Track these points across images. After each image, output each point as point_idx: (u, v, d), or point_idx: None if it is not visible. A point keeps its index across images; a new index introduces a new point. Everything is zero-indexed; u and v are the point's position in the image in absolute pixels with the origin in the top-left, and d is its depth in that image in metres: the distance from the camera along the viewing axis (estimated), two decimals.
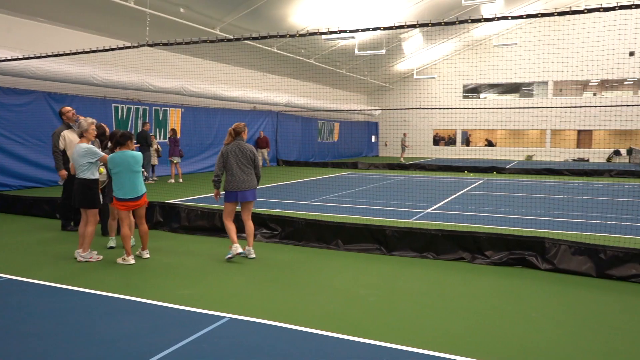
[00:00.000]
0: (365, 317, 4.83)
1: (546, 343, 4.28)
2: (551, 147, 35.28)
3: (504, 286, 5.90)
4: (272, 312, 4.90)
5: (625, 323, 4.77)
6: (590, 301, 5.40)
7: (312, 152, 30.33)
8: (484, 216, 10.28)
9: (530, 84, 36.24)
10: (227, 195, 7.04)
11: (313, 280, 6.09)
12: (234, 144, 7.03)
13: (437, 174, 21.66)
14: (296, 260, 6.99)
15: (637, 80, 33.70)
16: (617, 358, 4.00)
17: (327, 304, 5.19)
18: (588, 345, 4.24)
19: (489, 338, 4.37)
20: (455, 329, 4.55)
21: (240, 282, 5.97)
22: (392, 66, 33.54)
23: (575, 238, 7.31)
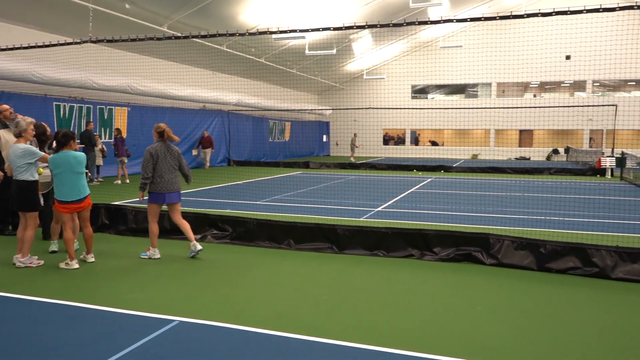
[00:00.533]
0: (317, 316, 4.86)
1: (491, 335, 4.44)
2: (495, 146, 36.58)
3: (452, 281, 6.08)
4: (223, 314, 4.85)
5: (564, 314, 5.02)
6: (532, 294, 5.64)
7: (264, 152, 30.17)
8: (432, 214, 10.55)
9: (475, 85, 37.44)
10: (153, 197, 6.97)
11: (265, 280, 6.07)
12: (162, 145, 6.97)
13: (387, 173, 22.03)
14: (247, 261, 6.94)
15: (573, 82, 35.44)
16: (559, 347, 4.21)
17: (279, 304, 5.19)
18: (531, 336, 4.43)
19: (439, 332, 4.50)
20: (406, 325, 4.65)
21: (190, 284, 5.87)
22: (342, 66, 33.84)
23: (517, 233, 7.62)
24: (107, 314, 4.83)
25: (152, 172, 6.88)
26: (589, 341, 4.33)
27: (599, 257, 6.30)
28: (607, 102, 32.68)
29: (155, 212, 7.07)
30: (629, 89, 35.46)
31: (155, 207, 7.05)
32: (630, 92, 35.34)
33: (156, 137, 7.04)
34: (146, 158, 6.88)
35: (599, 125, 32.98)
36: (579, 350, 4.15)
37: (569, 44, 32.35)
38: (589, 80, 34.50)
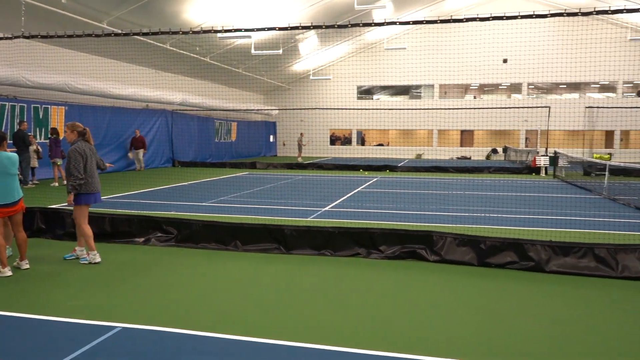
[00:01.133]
0: (264, 317, 4.84)
1: (435, 329, 4.57)
2: (438, 146, 37.66)
3: (397, 279, 6.21)
4: (167, 319, 4.74)
5: (502, 306, 5.24)
6: (473, 288, 5.85)
7: (209, 153, 29.70)
8: (378, 213, 10.73)
9: (419, 86, 38.39)
10: (85, 198, 6.79)
11: (211, 282, 5.98)
12: (84, 144, 6.82)
13: (334, 173, 22.22)
14: (193, 263, 6.81)
15: (510, 85, 37.03)
16: (496, 340, 4.39)
17: (226, 306, 5.13)
18: (470, 329, 4.60)
19: (385, 329, 4.59)
20: (352, 323, 4.71)
21: (133, 288, 5.70)
22: (289, 66, 33.83)
23: (459, 231, 7.87)
24: (44, 323, 4.62)
25: (84, 173, 6.70)
26: (525, 331, 4.54)
27: (535, 251, 6.61)
28: (541, 104, 34.34)
29: (86, 213, 6.91)
30: (561, 91, 37.44)
31: (86, 209, 6.89)
32: (562, 94, 37.31)
33: (75, 136, 6.82)
34: (76, 158, 6.65)
35: (533, 125, 34.61)
36: (515, 340, 4.34)
37: (506, 48, 33.79)
38: (525, 83, 36.14)
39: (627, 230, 8.86)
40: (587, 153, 28.87)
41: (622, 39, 31.78)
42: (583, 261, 6.45)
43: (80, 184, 6.66)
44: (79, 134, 6.83)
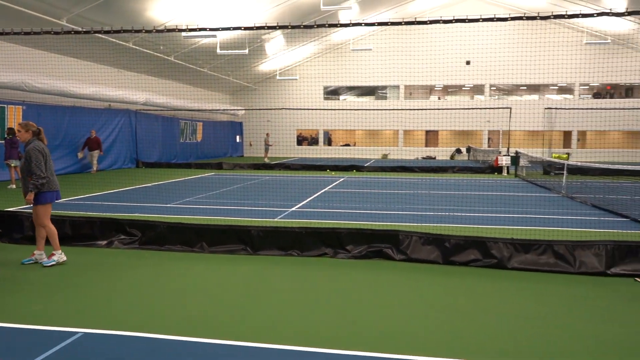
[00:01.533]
0: (231, 319, 4.80)
1: (401, 327, 4.63)
2: (404, 146, 38.13)
3: (364, 278, 6.26)
4: (131, 323, 4.65)
5: (466, 304, 5.35)
6: (438, 286, 5.95)
7: (175, 153, 29.25)
8: (345, 212, 10.79)
9: (385, 87, 38.79)
10: (48, 196, 6.70)
11: (177, 285, 5.89)
12: (40, 143, 6.72)
13: (301, 173, 22.22)
14: (158, 266, 6.70)
15: (473, 86, 37.83)
16: (461, 337, 4.48)
17: (192, 309, 5.07)
18: (436, 326, 4.68)
19: (352, 328, 4.61)
20: (319, 323, 4.73)
21: (95, 293, 5.56)
22: (255, 66, 33.65)
23: (424, 229, 7.99)
24: (1, 330, 4.46)
25: (46, 171, 6.64)
26: (489, 328, 4.65)
27: (497, 249, 6.77)
28: (502, 105, 35.21)
29: (49, 212, 6.81)
30: (521, 93, 38.47)
31: (50, 207, 6.79)
32: (522, 96, 38.34)
33: (30, 136, 6.69)
34: (37, 157, 6.54)
35: (496, 126, 35.40)
36: (480, 336, 4.44)
37: (469, 50, 34.54)
38: (487, 85, 36.98)
39: (584, 227, 9.17)
40: (547, 153, 29.74)
41: (579, 42, 32.88)
42: (543, 258, 6.64)
43: (42, 183, 6.53)
44: (34, 133, 6.69)
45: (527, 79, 34.81)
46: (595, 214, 11.04)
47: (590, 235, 7.83)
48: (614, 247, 6.51)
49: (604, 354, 4.10)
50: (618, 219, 10.40)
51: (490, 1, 33.78)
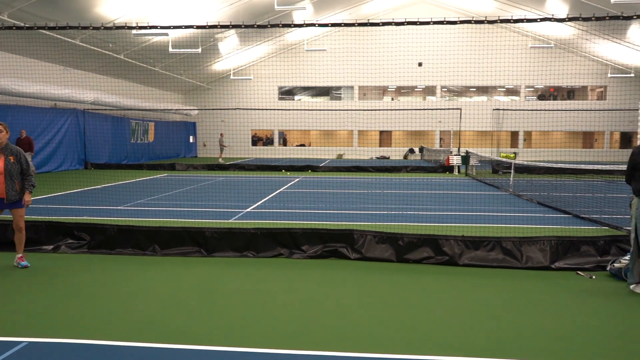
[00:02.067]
0: (185, 323, 4.72)
1: (356, 325, 4.68)
2: (358, 146, 38.53)
3: (320, 277, 6.29)
4: (80, 330, 4.49)
5: (419, 300, 5.47)
6: (391, 284, 6.06)
7: (125, 154, 28.46)
8: (300, 213, 10.80)
9: (339, 87, 39.07)
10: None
11: (127, 289, 5.74)
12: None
13: (256, 174, 22.09)
14: (108, 270, 6.50)
15: (425, 87, 38.66)
16: (414, 333, 4.57)
17: (144, 314, 4.95)
18: (390, 324, 4.76)
19: (308, 328, 4.63)
20: (275, 324, 4.72)
21: (40, 300, 5.34)
22: (208, 66, 33.19)
23: (378, 228, 8.11)
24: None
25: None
26: (440, 323, 4.77)
27: (449, 246, 6.96)
28: (453, 106, 36.15)
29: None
30: (471, 94, 39.62)
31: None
32: (472, 97, 39.50)
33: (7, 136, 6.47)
34: (26, 158, 6.49)
35: (447, 126, 36.34)
36: (432, 332, 4.55)
37: (421, 52, 35.26)
38: (438, 86, 37.89)
39: (530, 224, 9.55)
40: (495, 152, 30.75)
41: (524, 46, 34.19)
42: (492, 254, 6.87)
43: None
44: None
45: (476, 80, 35.92)
46: (540, 211, 11.51)
47: (536, 232, 8.16)
48: (558, 242, 6.81)
49: (548, 345, 4.29)
50: (561, 215, 10.88)
51: (441, 5, 34.63)
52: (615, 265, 6.28)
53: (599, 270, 6.52)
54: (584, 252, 6.80)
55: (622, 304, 5.38)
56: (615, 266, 6.26)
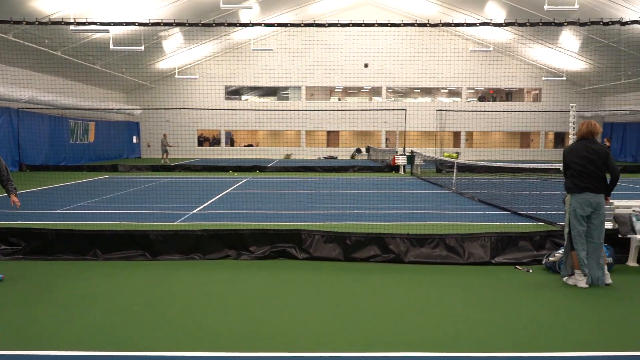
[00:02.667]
0: (131, 329, 4.59)
1: (304, 325, 4.70)
2: (306, 147, 38.63)
3: (268, 278, 6.27)
4: (17, 341, 4.28)
5: (366, 297, 5.55)
6: (339, 282, 6.12)
7: (64, 155, 27.25)
8: (248, 213, 10.72)
9: (286, 87, 39.03)
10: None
11: (68, 296, 5.51)
12: None
13: (203, 175, 21.72)
14: (45, 277, 6.22)
15: (371, 88, 39.26)
16: (361, 329, 4.64)
17: (85, 321, 4.77)
18: (337, 321, 4.81)
19: (254, 329, 4.61)
20: (222, 326, 4.67)
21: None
22: (152, 64, 32.32)
23: (326, 228, 8.17)
24: None
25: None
26: (386, 319, 4.87)
27: (395, 244, 7.11)
28: (398, 106, 36.89)
29: None
30: (416, 95, 40.59)
31: None
32: (416, 98, 40.46)
33: None
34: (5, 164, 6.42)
35: (393, 127, 37.02)
36: (376, 328, 4.63)
37: (367, 54, 35.78)
38: (384, 87, 38.56)
39: (471, 221, 9.90)
40: (438, 152, 31.63)
41: (465, 49, 35.36)
42: (436, 251, 7.08)
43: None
44: None
45: (420, 82, 36.77)
46: (481, 209, 11.96)
47: (477, 228, 8.47)
48: (497, 238, 7.10)
49: (490, 336, 4.47)
50: (501, 212, 11.34)
51: (386, 8, 35.25)
52: (550, 259, 6.61)
53: (535, 264, 6.84)
54: (522, 247, 7.12)
55: (556, 295, 5.67)
56: (550, 260, 6.59)
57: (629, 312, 5.16)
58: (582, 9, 21.79)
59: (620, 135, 34.10)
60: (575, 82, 36.93)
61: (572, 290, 5.82)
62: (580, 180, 5.88)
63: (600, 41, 27.66)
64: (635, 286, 6.02)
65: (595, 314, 5.08)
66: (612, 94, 35.06)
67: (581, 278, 5.90)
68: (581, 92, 36.87)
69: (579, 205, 5.88)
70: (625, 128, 34.15)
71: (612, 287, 5.91)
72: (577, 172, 5.90)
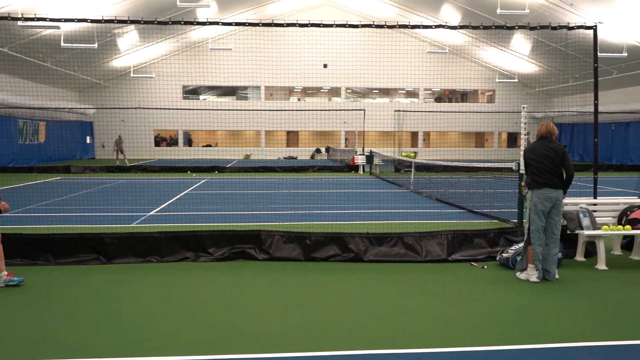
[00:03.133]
0: (83, 335, 4.45)
1: (264, 326, 4.68)
2: (266, 147, 38.44)
3: (227, 280, 6.21)
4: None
5: (326, 296, 5.58)
6: (300, 282, 6.13)
7: (12, 156, 26.12)
8: (206, 214, 10.58)
9: (246, 87, 38.72)
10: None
11: (15, 304, 5.29)
12: None
13: (160, 176, 21.29)
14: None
15: (330, 88, 39.44)
16: (321, 328, 4.66)
17: (41, 327, 4.59)
18: (298, 321, 4.81)
19: (214, 331, 4.55)
20: (181, 330, 4.59)
21: None
22: (106, 62, 31.43)
23: (286, 228, 8.15)
24: None
25: None
26: (345, 318, 4.91)
27: (354, 243, 7.17)
28: (357, 107, 37.20)
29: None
30: (374, 96, 41.06)
31: None
32: (375, 98, 40.94)
33: None
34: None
35: (352, 127, 37.31)
36: (335, 327, 4.66)
37: (326, 54, 35.86)
38: (343, 87, 38.83)
39: (429, 219, 10.08)
40: (397, 152, 32.10)
41: (422, 51, 36.01)
42: (395, 249, 7.18)
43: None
44: None
45: (378, 83, 37.30)
46: (438, 207, 12.21)
47: (434, 227, 8.63)
48: (454, 236, 7.28)
49: (448, 332, 4.57)
50: (457, 210, 11.62)
51: (345, 9, 35.50)
52: (504, 255, 6.82)
53: (490, 261, 7.05)
54: (477, 244, 7.32)
55: (509, 290, 5.86)
56: (504, 256, 6.81)
57: (578, 304, 5.39)
58: (532, 13, 22.58)
59: (568, 135, 35.52)
60: (526, 84, 38.24)
61: (524, 285, 6.03)
62: (540, 177, 6.15)
63: (549, 45, 28.76)
64: (584, 280, 6.29)
65: (547, 307, 5.27)
66: (560, 95, 36.50)
67: (533, 272, 6.13)
68: (532, 94, 38.22)
69: (540, 201, 6.14)
70: (573, 128, 35.62)
71: (562, 280, 6.16)
72: (536, 169, 6.18)
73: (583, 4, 22.50)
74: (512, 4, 23.09)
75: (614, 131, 32.03)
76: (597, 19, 20.48)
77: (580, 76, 30.64)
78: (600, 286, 6.01)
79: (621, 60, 26.47)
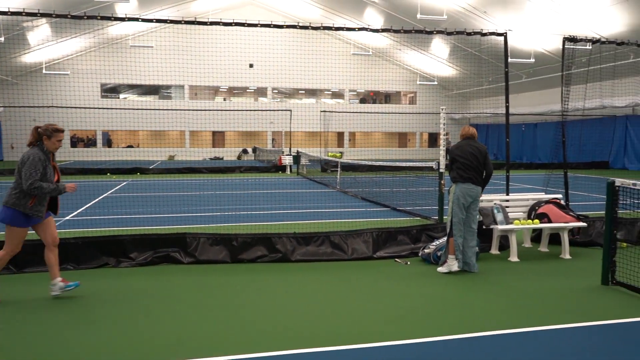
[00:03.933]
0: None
1: (189, 329, 4.57)
2: (190, 147, 37.53)
3: (151, 285, 5.99)
4: None
5: (254, 298, 5.54)
6: (227, 285, 6.04)
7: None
8: (128, 218, 10.17)
9: (169, 86, 37.59)
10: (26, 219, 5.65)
11: None
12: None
13: (77, 178, 20.17)
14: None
15: (256, 89, 39.18)
16: (247, 331, 4.62)
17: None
18: (223, 323, 4.74)
19: (139, 338, 4.38)
20: (101, 339, 4.38)
21: None
22: (15, 57, 29.35)
23: (212, 230, 8.02)
24: None
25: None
26: (272, 318, 4.90)
27: (282, 244, 7.17)
28: (284, 107, 37.25)
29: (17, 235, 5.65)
30: (301, 96, 41.27)
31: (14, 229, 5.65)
32: (301, 99, 41.16)
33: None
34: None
35: (278, 127, 37.32)
36: (262, 328, 4.65)
37: (252, 54, 35.63)
38: (269, 88, 38.71)
39: (355, 218, 10.28)
40: (323, 152, 32.47)
41: (347, 53, 36.70)
42: (322, 248, 7.26)
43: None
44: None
45: (304, 83, 37.49)
46: (363, 206, 12.48)
47: (360, 225, 8.82)
48: (378, 233, 7.47)
49: (375, 327, 4.68)
50: (381, 208, 11.94)
51: (270, 9, 35.42)
52: (425, 251, 7.10)
53: (413, 257, 7.30)
54: (401, 241, 7.56)
55: (431, 284, 6.10)
56: (425, 252, 7.08)
57: (495, 294, 5.71)
58: (449, 19, 23.67)
59: (483, 136, 37.57)
60: (445, 87, 40.00)
61: (446, 278, 6.30)
62: (465, 172, 6.54)
63: (465, 49, 30.26)
64: (499, 271, 6.67)
65: (467, 299, 5.54)
66: (476, 98, 38.52)
67: (453, 262, 6.49)
68: (450, 96, 40.04)
69: (462, 195, 6.51)
70: (487, 129, 37.72)
71: (480, 272, 6.51)
72: (462, 165, 6.57)
73: (495, 12, 23.90)
74: (431, 9, 24.07)
75: (524, 132, 34.33)
76: (508, 26, 21.84)
77: (494, 80, 32.52)
78: (514, 277, 6.41)
79: (529, 66, 28.40)
